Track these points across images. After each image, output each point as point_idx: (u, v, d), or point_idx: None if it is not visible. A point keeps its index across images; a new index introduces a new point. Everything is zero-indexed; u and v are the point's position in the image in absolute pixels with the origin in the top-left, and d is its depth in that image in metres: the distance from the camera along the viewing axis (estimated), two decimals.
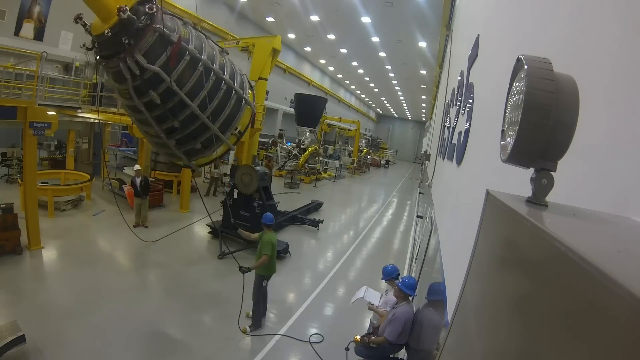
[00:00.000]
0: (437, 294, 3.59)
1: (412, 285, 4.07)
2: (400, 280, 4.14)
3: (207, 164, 7.01)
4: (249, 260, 6.95)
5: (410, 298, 4.09)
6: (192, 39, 5.38)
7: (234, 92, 6.08)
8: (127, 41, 4.68)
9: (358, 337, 4.32)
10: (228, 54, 6.36)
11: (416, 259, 7.67)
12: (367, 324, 6.58)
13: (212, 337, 5.38)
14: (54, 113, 7.82)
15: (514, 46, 1.83)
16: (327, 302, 7.05)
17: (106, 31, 4.62)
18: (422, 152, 26.04)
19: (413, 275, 5.94)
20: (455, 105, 4.83)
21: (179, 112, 5.40)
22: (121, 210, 7.79)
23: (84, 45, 5.02)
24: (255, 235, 6.15)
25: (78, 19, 4.79)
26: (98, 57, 4.96)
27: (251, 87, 7.19)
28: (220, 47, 6.17)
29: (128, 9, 4.62)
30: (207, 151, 6.18)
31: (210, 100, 5.66)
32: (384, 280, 4.87)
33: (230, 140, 6.44)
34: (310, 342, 5.53)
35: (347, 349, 4.56)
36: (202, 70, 5.42)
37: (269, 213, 6.32)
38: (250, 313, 5.76)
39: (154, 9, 4.96)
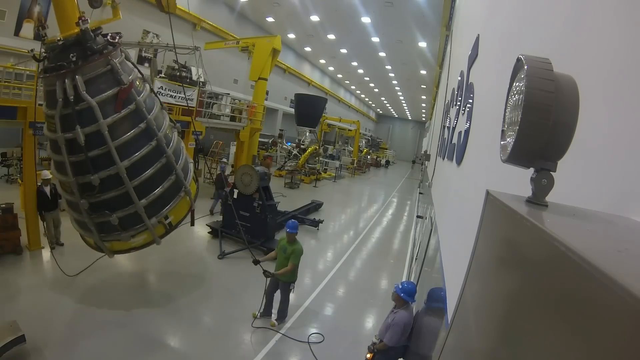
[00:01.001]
0: (436, 301, 3.60)
1: (411, 292, 3.98)
2: (400, 286, 4.05)
3: (123, 252, 5.47)
4: (248, 261, 6.95)
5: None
6: (145, 95, 4.92)
7: (174, 172, 5.24)
8: (74, 58, 4.31)
9: (369, 355, 4.24)
10: (179, 131, 5.81)
11: (416, 259, 7.67)
12: (368, 324, 6.59)
13: (213, 335, 5.39)
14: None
15: (514, 46, 1.83)
16: (327, 302, 7.05)
17: (58, 39, 4.34)
18: (422, 152, 26.04)
19: (413, 276, 5.92)
20: (455, 105, 4.83)
21: (102, 167, 4.56)
22: None
23: (32, 50, 4.76)
24: (273, 253, 6.19)
25: (40, 27, 4.66)
26: (41, 68, 4.51)
27: (196, 180, 6.19)
28: (173, 122, 5.64)
29: (89, 21, 4.35)
30: (124, 233, 5.02)
31: (142, 169, 4.84)
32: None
33: (156, 230, 5.23)
34: (308, 342, 5.53)
35: None
36: (143, 129, 4.76)
37: (294, 220, 6.34)
38: (257, 313, 5.86)
39: (117, 41, 4.72)
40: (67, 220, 5.86)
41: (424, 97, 37.14)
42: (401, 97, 42.14)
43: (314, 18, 19.69)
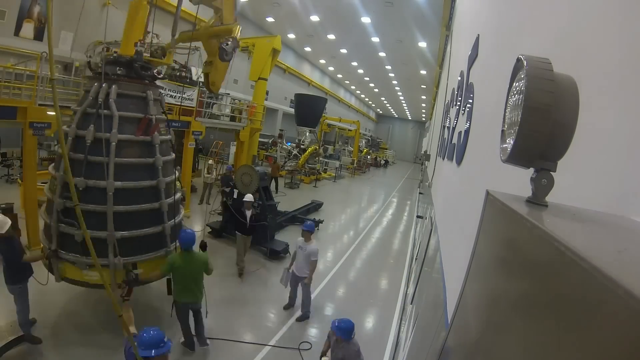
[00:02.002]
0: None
1: (347, 329, 3.94)
2: (337, 323, 4.01)
3: (71, 282, 4.87)
4: (254, 264, 6.89)
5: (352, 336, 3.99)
6: (166, 140, 5.35)
7: (162, 224, 5.03)
8: (119, 71, 4.90)
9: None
10: (183, 197, 6.19)
11: (416, 259, 7.66)
12: (368, 324, 6.59)
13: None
14: (54, 113, 7.82)
15: (514, 46, 1.83)
16: (328, 302, 7.05)
17: (114, 52, 5.12)
18: (422, 152, 26.04)
19: (413, 276, 5.93)
20: (455, 105, 4.83)
21: (94, 176, 4.51)
22: None
23: (105, 51, 5.61)
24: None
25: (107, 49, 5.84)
26: (99, 67, 4.92)
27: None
28: (180, 185, 6.06)
29: (145, 45, 5.09)
30: (81, 258, 4.55)
31: (132, 200, 4.70)
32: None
33: (116, 273, 4.67)
34: (299, 350, 5.45)
35: None
36: (149, 164, 4.90)
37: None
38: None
39: (160, 77, 5.49)
40: None
41: (424, 97, 37.12)
42: (401, 97, 42.13)
43: (314, 18, 19.68)
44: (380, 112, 65.05)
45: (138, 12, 5.74)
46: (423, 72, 26.22)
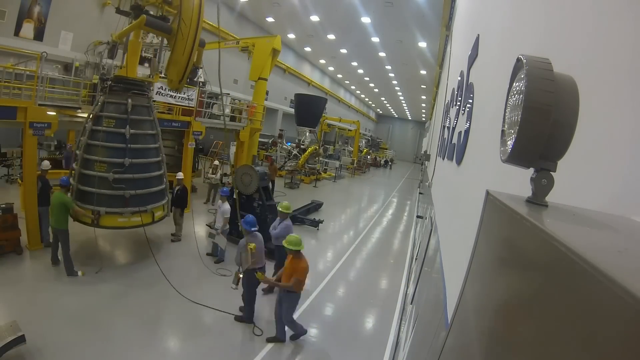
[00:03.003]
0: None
1: (248, 222, 5.91)
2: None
3: (110, 228, 7.30)
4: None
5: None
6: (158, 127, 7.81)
7: (164, 182, 7.87)
8: (134, 90, 7.24)
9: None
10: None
11: (416, 259, 7.66)
12: (368, 324, 6.59)
13: (212, 336, 5.39)
14: (54, 113, 7.82)
15: (514, 46, 1.83)
16: (327, 303, 7.05)
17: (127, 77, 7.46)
18: (422, 152, 26.05)
19: (413, 276, 5.93)
20: (455, 105, 4.83)
21: (133, 156, 6.97)
22: None
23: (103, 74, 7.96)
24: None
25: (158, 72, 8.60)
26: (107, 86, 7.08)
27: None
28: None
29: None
30: (126, 209, 6.95)
31: (150, 170, 7.30)
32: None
33: (144, 216, 7.21)
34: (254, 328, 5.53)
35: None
36: (157, 147, 7.62)
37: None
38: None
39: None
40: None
41: (424, 97, 37.13)
42: (401, 97, 42.14)
43: (314, 18, 19.69)
44: (380, 112, 65.06)
45: (135, 49, 8.12)
46: (423, 72, 26.22)
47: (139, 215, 6.98)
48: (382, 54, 24.44)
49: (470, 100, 3.07)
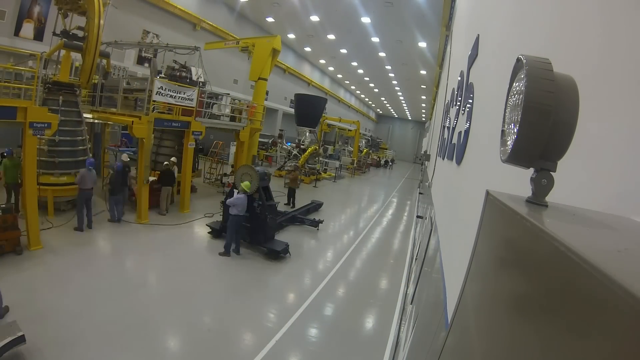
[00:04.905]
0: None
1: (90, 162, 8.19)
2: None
3: None
4: (250, 260, 6.87)
5: None
6: None
7: None
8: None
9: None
10: None
11: (416, 259, 7.66)
12: (368, 324, 6.59)
13: (214, 334, 5.39)
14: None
15: (514, 46, 1.83)
16: (327, 303, 7.05)
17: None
18: (422, 152, 26.05)
19: (413, 276, 5.92)
20: (455, 105, 4.83)
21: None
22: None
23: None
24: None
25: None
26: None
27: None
28: None
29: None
30: None
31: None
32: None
33: None
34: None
35: None
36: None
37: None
38: None
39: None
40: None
41: (424, 97, 37.14)
42: (401, 97, 42.15)
43: (314, 18, 19.69)
44: (380, 112, 65.07)
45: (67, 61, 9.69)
46: (423, 72, 26.23)
47: (64, 176, 9.28)
48: (382, 54, 24.44)
49: (470, 100, 3.07)
